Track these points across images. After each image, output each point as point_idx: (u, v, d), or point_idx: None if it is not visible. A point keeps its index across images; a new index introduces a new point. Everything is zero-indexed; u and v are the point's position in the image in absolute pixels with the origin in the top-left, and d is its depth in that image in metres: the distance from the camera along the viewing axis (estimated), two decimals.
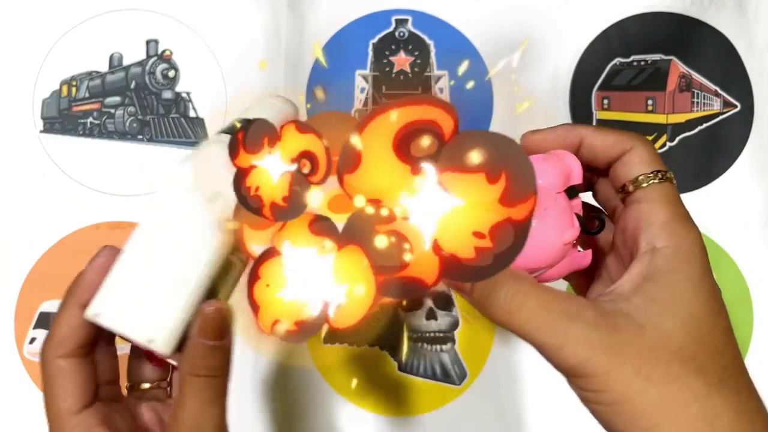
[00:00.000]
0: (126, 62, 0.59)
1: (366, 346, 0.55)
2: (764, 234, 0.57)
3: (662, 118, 0.58)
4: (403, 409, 0.55)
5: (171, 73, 0.59)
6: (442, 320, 0.56)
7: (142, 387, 0.37)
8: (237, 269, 0.34)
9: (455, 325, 0.56)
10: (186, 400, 0.32)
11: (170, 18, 0.59)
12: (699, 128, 0.58)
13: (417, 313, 0.56)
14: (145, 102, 0.58)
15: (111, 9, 0.59)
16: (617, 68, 0.59)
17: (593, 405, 0.27)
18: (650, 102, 0.59)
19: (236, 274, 0.34)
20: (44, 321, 0.54)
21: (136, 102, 0.58)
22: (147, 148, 0.58)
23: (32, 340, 0.54)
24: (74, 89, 0.58)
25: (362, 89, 0.58)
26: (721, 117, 0.58)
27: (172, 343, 0.31)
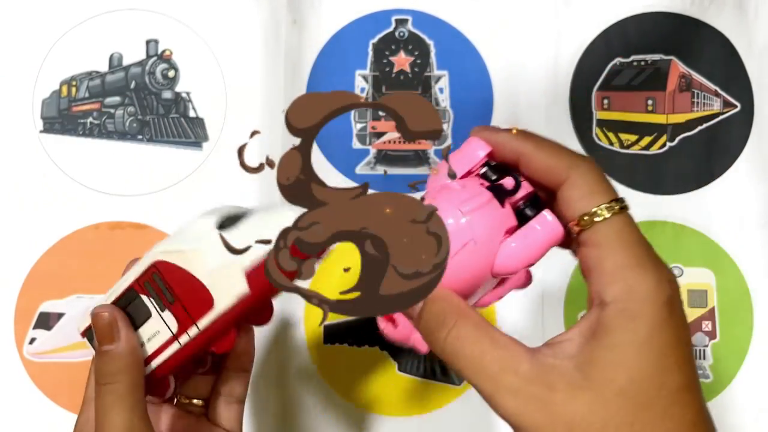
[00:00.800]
0: (126, 62, 0.59)
1: (366, 346, 0.55)
2: (764, 234, 0.56)
3: (662, 118, 0.58)
4: (403, 409, 0.55)
5: (171, 73, 0.59)
6: None
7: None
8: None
9: None
10: (92, 406, 0.34)
11: (170, 18, 0.59)
12: (699, 128, 0.58)
13: None
14: (145, 102, 0.58)
15: (111, 9, 0.59)
16: (617, 68, 0.59)
17: None
18: (650, 102, 0.59)
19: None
20: (44, 321, 0.54)
21: (136, 102, 0.58)
22: (147, 148, 0.58)
23: (32, 340, 0.54)
24: (74, 89, 0.58)
25: (362, 89, 0.58)
26: (721, 117, 0.58)
27: None
